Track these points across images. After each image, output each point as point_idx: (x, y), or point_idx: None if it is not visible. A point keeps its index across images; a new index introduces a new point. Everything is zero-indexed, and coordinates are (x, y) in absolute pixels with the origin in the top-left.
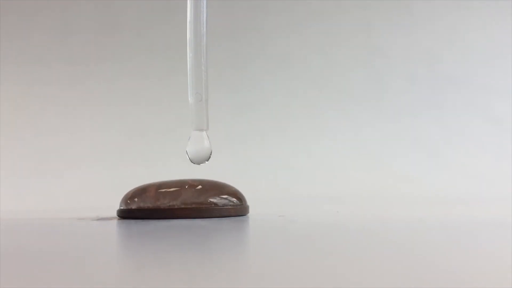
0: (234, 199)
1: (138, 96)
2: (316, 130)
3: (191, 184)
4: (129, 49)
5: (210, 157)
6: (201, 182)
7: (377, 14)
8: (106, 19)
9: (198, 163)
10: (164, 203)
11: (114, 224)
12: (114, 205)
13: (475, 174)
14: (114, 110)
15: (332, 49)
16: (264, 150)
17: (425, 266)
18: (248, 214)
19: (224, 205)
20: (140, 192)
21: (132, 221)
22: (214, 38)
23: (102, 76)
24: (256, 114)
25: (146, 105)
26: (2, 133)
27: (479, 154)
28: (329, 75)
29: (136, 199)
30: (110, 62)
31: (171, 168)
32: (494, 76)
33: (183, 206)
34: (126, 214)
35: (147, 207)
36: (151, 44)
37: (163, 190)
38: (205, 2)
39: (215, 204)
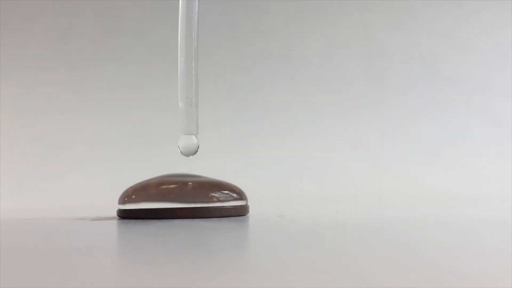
0: (234, 195)
1: (138, 96)
2: (316, 130)
3: (191, 184)
4: (129, 49)
5: (197, 151)
6: (201, 180)
7: (377, 14)
8: (106, 20)
9: (187, 155)
10: (164, 203)
11: (114, 224)
12: (114, 205)
13: (475, 174)
14: (114, 110)
15: (332, 49)
16: (264, 150)
17: (425, 265)
18: (248, 214)
19: (225, 200)
20: (140, 191)
21: (132, 221)
22: (215, 38)
23: (102, 76)
24: (255, 114)
25: (146, 105)
26: (2, 133)
27: (479, 154)
28: (329, 75)
29: (136, 199)
30: (110, 63)
31: (171, 168)
32: (494, 76)
33: (183, 206)
34: (126, 214)
35: (147, 207)
36: (151, 45)
37: (163, 189)
38: (196, 6)
39: (216, 202)
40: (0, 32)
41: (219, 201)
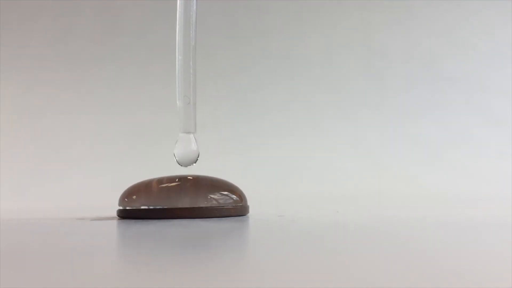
0: (234, 196)
1: (138, 96)
2: (316, 130)
3: (191, 184)
4: (129, 49)
5: (197, 159)
6: (201, 181)
7: (377, 14)
8: (106, 20)
9: (186, 166)
10: (164, 203)
11: (114, 224)
12: (114, 205)
13: (475, 174)
14: (114, 110)
15: (332, 49)
16: (264, 150)
17: (425, 265)
18: (248, 214)
19: (224, 202)
20: (140, 192)
21: (132, 221)
22: (215, 38)
23: (102, 76)
24: (255, 114)
25: (146, 105)
26: (2, 133)
27: (479, 154)
28: (329, 75)
29: (136, 199)
30: (110, 63)
31: (171, 168)
32: (494, 76)
33: (183, 206)
34: (126, 214)
35: (147, 207)
36: (151, 45)
37: (164, 189)
38: (194, 4)
39: (215, 202)
40: (0, 32)
41: (218, 202)
